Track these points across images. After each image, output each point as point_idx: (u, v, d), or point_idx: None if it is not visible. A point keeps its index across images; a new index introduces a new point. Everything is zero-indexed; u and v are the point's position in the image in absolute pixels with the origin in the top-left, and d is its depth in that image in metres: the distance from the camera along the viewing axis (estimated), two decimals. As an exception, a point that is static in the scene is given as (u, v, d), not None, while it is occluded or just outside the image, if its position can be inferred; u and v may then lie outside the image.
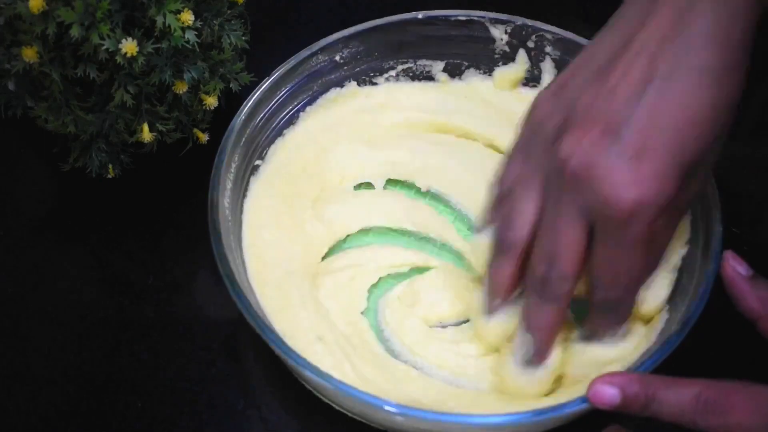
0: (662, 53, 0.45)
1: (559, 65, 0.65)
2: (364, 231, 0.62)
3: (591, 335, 0.53)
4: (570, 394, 0.51)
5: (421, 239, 0.62)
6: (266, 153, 0.62)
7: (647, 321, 0.54)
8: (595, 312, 0.52)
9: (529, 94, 0.66)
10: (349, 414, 0.53)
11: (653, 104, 0.45)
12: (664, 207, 0.46)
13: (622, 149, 0.45)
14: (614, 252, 0.47)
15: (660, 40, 0.46)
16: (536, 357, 0.52)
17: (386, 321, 0.58)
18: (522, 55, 0.66)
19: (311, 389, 0.54)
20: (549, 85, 0.51)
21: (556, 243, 0.48)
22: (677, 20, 0.46)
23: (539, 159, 0.49)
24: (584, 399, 0.48)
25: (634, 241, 0.47)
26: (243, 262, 0.57)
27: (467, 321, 0.57)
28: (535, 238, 0.49)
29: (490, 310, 0.53)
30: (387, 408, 0.47)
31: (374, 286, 0.60)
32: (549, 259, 0.49)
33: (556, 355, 0.52)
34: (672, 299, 0.55)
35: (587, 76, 0.48)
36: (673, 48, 0.45)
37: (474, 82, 0.68)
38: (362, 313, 0.58)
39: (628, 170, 0.45)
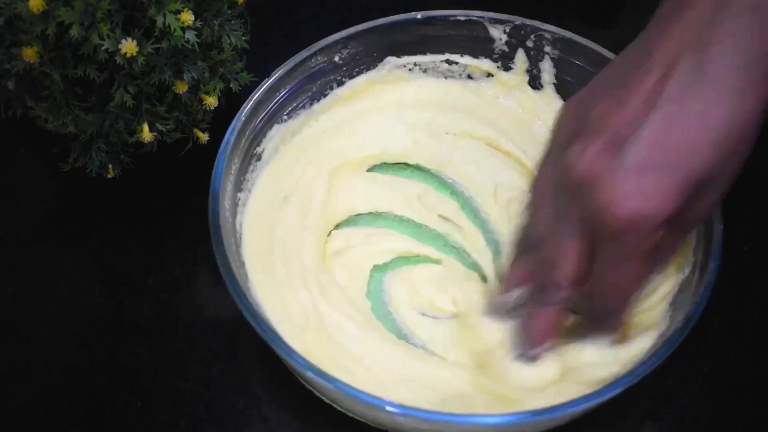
0: (679, 68, 0.44)
1: (558, 65, 0.65)
2: (374, 215, 0.63)
3: (582, 340, 0.53)
4: (565, 391, 0.51)
5: (429, 233, 0.62)
6: (266, 153, 0.62)
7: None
8: (589, 319, 0.52)
9: (528, 93, 0.67)
10: (350, 414, 0.53)
11: (663, 119, 0.44)
12: (662, 223, 0.45)
13: (626, 161, 0.44)
14: (609, 263, 0.47)
15: (678, 55, 0.45)
16: (528, 359, 0.52)
17: (394, 306, 0.58)
18: (521, 55, 0.66)
19: (311, 389, 0.54)
20: (576, 94, 0.50)
21: (557, 250, 0.48)
22: (699, 35, 0.44)
23: (556, 180, 0.49)
24: (584, 399, 0.48)
25: (629, 255, 0.46)
26: (243, 262, 0.57)
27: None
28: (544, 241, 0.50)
29: (530, 357, 0.53)
30: (388, 408, 0.47)
31: (376, 268, 0.60)
32: (549, 266, 0.49)
33: (553, 359, 0.53)
34: (673, 299, 0.55)
35: (606, 87, 0.47)
36: (692, 63, 0.44)
37: (473, 82, 0.68)
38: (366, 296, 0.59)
39: (629, 183, 0.44)
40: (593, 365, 0.53)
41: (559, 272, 0.49)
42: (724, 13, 0.44)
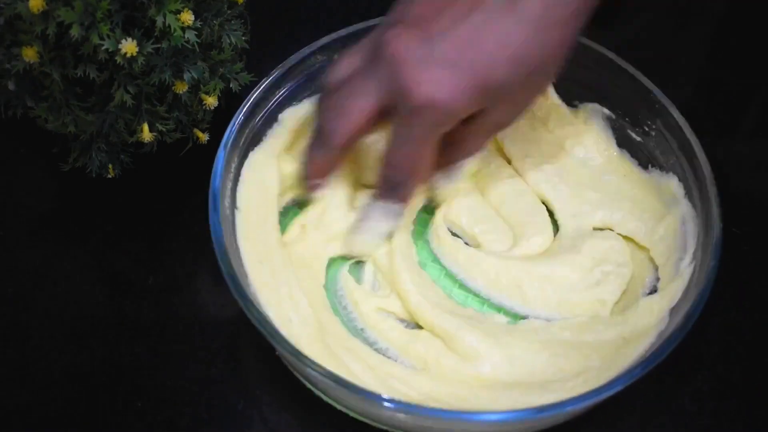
0: None
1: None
2: None
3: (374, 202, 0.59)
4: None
5: None
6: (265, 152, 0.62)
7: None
8: (380, 184, 0.58)
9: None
10: (350, 413, 0.53)
11: (471, 29, 0.51)
12: (451, 115, 0.52)
13: (432, 53, 0.51)
14: (397, 135, 0.54)
15: None
16: (308, 189, 0.60)
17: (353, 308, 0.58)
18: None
19: (312, 388, 0.54)
20: None
21: (346, 104, 0.54)
22: None
23: (369, 50, 0.54)
24: (584, 397, 0.48)
25: (416, 135, 0.53)
26: (243, 261, 0.57)
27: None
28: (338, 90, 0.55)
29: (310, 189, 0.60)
30: (389, 405, 0.47)
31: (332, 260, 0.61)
32: (334, 114, 0.55)
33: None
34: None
35: None
36: None
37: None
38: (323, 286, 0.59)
39: (431, 71, 0.50)
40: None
41: (338, 121, 0.55)
42: None
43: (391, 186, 0.57)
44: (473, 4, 0.51)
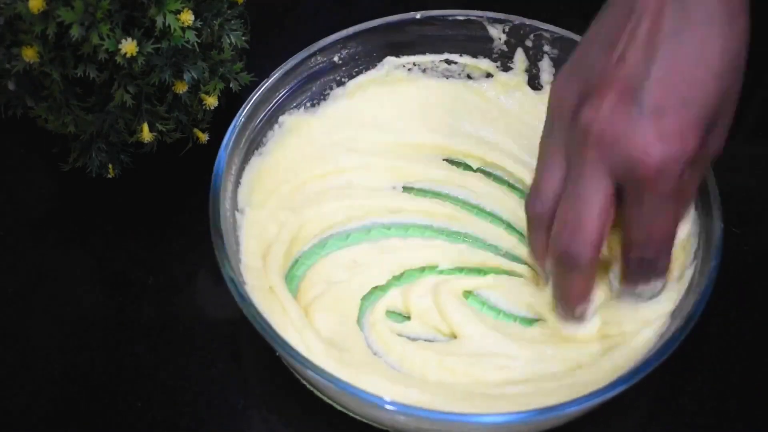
0: (664, 12, 0.46)
1: (557, 64, 0.65)
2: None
3: (630, 294, 0.53)
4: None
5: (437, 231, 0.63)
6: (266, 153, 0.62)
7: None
8: (632, 271, 0.52)
9: (529, 94, 0.67)
10: (351, 414, 0.53)
11: (666, 61, 0.46)
12: (689, 161, 0.46)
13: (642, 108, 0.46)
14: (645, 210, 0.48)
15: (661, 1, 0.46)
16: (574, 320, 0.53)
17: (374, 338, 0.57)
18: (520, 55, 0.66)
19: (312, 389, 0.54)
20: (563, 67, 0.51)
21: (581, 211, 0.48)
22: None
23: (567, 147, 0.49)
24: (584, 399, 0.48)
25: (664, 198, 0.47)
26: (243, 261, 0.57)
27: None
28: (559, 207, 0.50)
29: (576, 317, 0.53)
30: (390, 407, 0.47)
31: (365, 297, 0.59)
32: (573, 229, 0.49)
33: (595, 313, 0.54)
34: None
35: (597, 49, 0.48)
36: (676, 5, 0.46)
37: (473, 82, 0.68)
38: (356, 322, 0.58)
39: (650, 128, 0.45)
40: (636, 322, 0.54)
41: (586, 233, 0.49)
42: None
43: (647, 266, 0.51)
44: (650, 36, 0.46)
